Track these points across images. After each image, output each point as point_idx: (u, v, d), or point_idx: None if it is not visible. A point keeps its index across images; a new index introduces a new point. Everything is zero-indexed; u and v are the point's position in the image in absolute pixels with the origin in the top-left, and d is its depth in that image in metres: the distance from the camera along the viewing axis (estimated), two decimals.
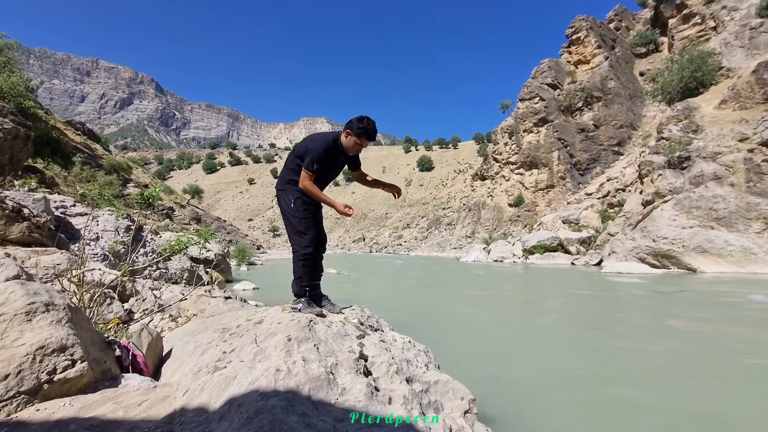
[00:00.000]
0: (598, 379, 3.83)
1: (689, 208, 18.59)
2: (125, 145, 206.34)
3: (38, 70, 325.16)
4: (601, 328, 6.28)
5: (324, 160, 2.47)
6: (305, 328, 1.92)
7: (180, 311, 4.77)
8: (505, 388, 3.61)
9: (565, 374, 4.04)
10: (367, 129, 2.52)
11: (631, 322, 6.69)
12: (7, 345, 1.59)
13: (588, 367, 4.25)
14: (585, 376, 3.93)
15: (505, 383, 3.75)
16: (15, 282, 1.83)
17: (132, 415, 1.55)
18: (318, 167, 2.43)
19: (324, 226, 2.81)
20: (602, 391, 3.49)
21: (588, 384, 3.71)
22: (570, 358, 4.66)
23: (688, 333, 5.77)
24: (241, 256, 21.75)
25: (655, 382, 3.71)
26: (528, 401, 3.28)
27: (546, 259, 24.84)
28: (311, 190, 2.41)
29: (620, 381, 3.74)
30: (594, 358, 4.60)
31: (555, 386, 3.67)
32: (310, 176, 2.42)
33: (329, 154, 2.53)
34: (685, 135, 22.85)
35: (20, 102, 16.29)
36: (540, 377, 3.94)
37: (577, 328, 6.25)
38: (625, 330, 6.06)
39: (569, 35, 50.81)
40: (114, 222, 8.70)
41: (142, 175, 42.97)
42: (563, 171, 44.32)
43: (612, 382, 3.74)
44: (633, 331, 5.97)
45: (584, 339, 5.55)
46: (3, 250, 5.20)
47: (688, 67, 27.48)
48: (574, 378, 3.89)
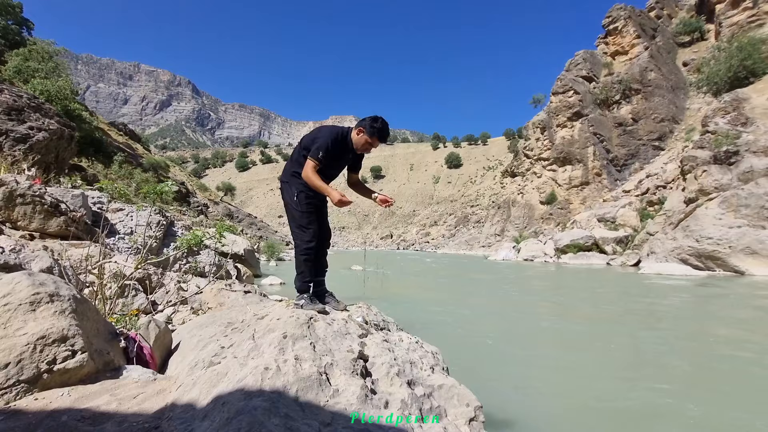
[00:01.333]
0: (627, 390, 3.57)
1: (737, 207, 17.28)
2: (164, 145, 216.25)
3: (85, 74, 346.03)
4: (633, 333, 5.90)
5: (330, 152, 2.40)
6: (303, 326, 1.86)
7: (201, 304, 4.87)
8: (520, 395, 3.43)
9: (591, 384, 3.80)
10: (381, 129, 2.46)
11: (665, 329, 6.26)
12: (10, 334, 1.62)
13: (617, 378, 3.99)
14: (612, 388, 3.68)
15: (521, 390, 3.56)
16: (22, 273, 1.87)
17: (124, 408, 1.54)
18: (323, 156, 2.36)
19: (350, 223, 2.77)
20: (630, 402, 3.25)
21: (615, 395, 3.47)
22: (597, 368, 4.39)
23: (727, 341, 5.32)
24: (271, 251, 22.22)
25: (680, 391, 3.42)
26: (542, 410, 3.09)
27: (579, 259, 23.87)
28: (312, 179, 2.33)
29: (651, 391, 3.47)
30: (624, 368, 4.31)
31: (575, 394, 3.45)
32: (315, 165, 2.35)
33: (337, 147, 2.45)
34: (733, 128, 21.26)
35: (66, 104, 17.31)
36: (560, 384, 3.73)
37: (609, 334, 5.90)
38: (658, 337, 5.66)
39: (606, 25, 48.45)
40: (146, 217, 9.04)
41: (179, 173, 44.86)
42: (599, 167, 42.39)
43: (643, 393, 3.48)
44: (666, 338, 5.57)
45: (616, 346, 5.23)
46: (41, 243, 5.50)
47: (737, 55, 25.55)
48: (598, 388, 3.66)
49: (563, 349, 5.02)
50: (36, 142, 10.54)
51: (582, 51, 48.79)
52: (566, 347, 5.12)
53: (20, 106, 11.10)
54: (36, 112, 11.46)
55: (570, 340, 5.45)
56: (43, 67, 18.95)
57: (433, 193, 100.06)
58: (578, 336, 5.69)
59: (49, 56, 20.54)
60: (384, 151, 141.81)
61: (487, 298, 10.02)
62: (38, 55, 19.86)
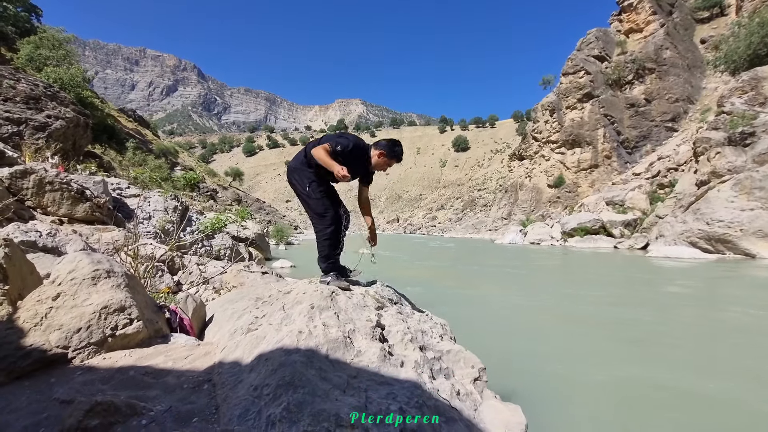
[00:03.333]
0: (625, 365, 3.81)
1: (751, 189, 17.08)
2: (172, 130, 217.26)
3: (93, 60, 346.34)
4: (636, 314, 6.10)
5: (348, 154, 2.56)
6: (327, 298, 2.11)
7: (222, 284, 5.18)
8: (522, 362, 3.69)
9: (587, 358, 4.04)
10: (401, 154, 2.76)
11: (668, 309, 6.44)
12: (78, 304, 1.89)
13: (615, 355, 4.22)
14: (610, 362, 3.92)
15: (523, 357, 3.82)
16: (82, 252, 2.13)
17: (179, 366, 1.81)
18: (341, 151, 2.51)
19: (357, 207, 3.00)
20: (625, 377, 3.48)
21: (612, 369, 3.70)
22: (596, 343, 4.62)
23: (730, 323, 5.50)
24: (280, 235, 22.66)
25: (672, 369, 3.65)
26: (541, 374, 3.35)
27: (586, 242, 23.92)
28: (320, 154, 2.46)
29: (649, 368, 3.70)
30: (623, 344, 4.54)
31: (574, 364, 3.70)
32: (328, 152, 2.48)
33: (356, 154, 2.62)
34: (750, 108, 20.80)
35: (79, 92, 17.60)
36: (560, 355, 3.98)
37: (610, 313, 6.11)
38: (660, 316, 5.86)
39: (620, 2, 46.95)
40: (163, 203, 9.37)
41: (187, 158, 45.32)
42: (609, 149, 41.81)
43: (638, 368, 3.71)
44: (668, 317, 5.77)
45: (616, 324, 5.45)
46: (70, 227, 5.83)
47: (758, 32, 24.69)
48: (597, 362, 3.89)
49: (567, 325, 5.25)
50: (54, 130, 10.85)
51: (594, 29, 47.49)
52: (569, 324, 5.35)
53: (37, 95, 11.39)
54: (52, 100, 11.75)
55: (574, 318, 5.67)
56: (54, 55, 19.18)
57: (440, 177, 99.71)
58: (582, 314, 5.91)
59: (59, 43, 20.74)
60: (390, 135, 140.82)
61: (492, 279, 10.27)
62: (49, 43, 20.06)
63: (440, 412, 1.56)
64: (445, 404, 1.64)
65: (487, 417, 1.73)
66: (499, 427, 1.66)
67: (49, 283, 1.98)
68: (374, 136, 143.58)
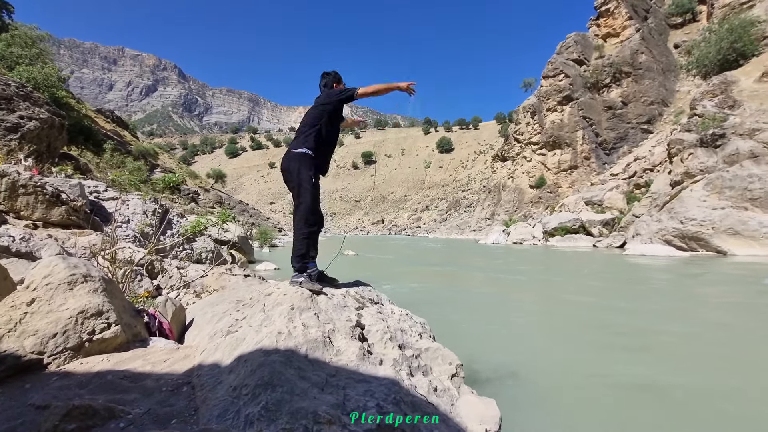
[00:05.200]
0: (599, 363, 3.94)
1: (721, 189, 17.80)
2: (151, 131, 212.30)
3: (68, 59, 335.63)
4: (613, 308, 6.31)
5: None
6: (308, 299, 2.14)
7: (203, 287, 5.13)
8: (497, 358, 3.78)
9: (563, 351, 4.17)
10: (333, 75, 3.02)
11: (640, 302, 6.68)
12: (54, 309, 1.87)
13: (590, 349, 4.36)
14: (585, 358, 4.05)
15: (499, 354, 3.92)
16: (58, 256, 2.11)
17: (158, 369, 1.82)
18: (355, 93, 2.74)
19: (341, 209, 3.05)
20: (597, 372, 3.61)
21: (587, 364, 3.83)
22: (573, 337, 4.76)
23: (694, 316, 5.75)
24: (263, 238, 22.42)
25: (647, 363, 3.80)
26: (516, 369, 3.44)
27: (567, 242, 24.47)
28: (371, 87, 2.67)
29: (624, 362, 3.85)
30: (596, 341, 4.69)
31: (548, 359, 3.81)
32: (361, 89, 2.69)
33: None
34: (720, 111, 21.65)
35: (54, 92, 17.07)
36: (535, 351, 4.09)
37: (585, 307, 6.30)
38: (631, 309, 6.08)
39: (598, 6, 48.25)
40: (142, 206, 9.19)
41: (168, 160, 44.39)
42: (588, 151, 42.89)
43: (613, 361, 3.85)
44: (639, 310, 5.98)
45: (591, 319, 5.62)
46: (45, 232, 5.67)
47: (727, 37, 25.74)
48: (572, 357, 4.02)
49: (542, 322, 5.39)
50: (27, 132, 10.52)
51: (573, 33, 48.65)
52: (544, 319, 5.50)
53: (9, 94, 11.02)
54: (25, 100, 11.39)
55: (549, 315, 5.83)
56: (27, 53, 18.57)
57: (424, 178, 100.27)
58: (558, 311, 6.07)
59: (32, 41, 20.09)
60: (375, 137, 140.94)
61: (475, 278, 10.43)
62: (21, 41, 19.41)
63: (417, 408, 1.61)
64: (422, 400, 1.69)
65: (463, 411, 1.79)
66: (474, 420, 1.72)
67: (23, 288, 1.96)
68: (358, 137, 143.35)
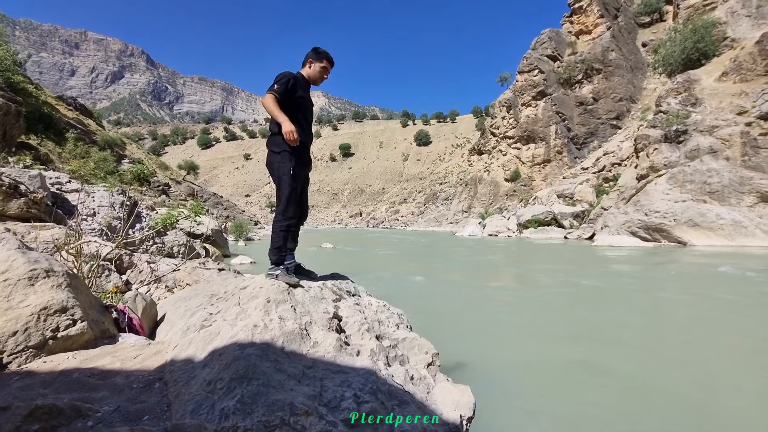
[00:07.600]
0: (563, 343, 4.11)
1: (683, 182, 18.73)
2: (118, 120, 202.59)
3: (25, 42, 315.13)
4: (575, 297, 6.56)
5: (292, 90, 2.51)
6: (284, 292, 2.12)
7: (176, 282, 4.99)
8: (472, 347, 3.89)
9: (533, 340, 4.31)
10: (326, 52, 2.68)
11: (602, 291, 6.98)
12: (14, 306, 1.78)
13: (556, 332, 4.53)
14: (555, 341, 4.21)
15: (473, 343, 4.02)
16: (16, 251, 2.00)
17: (128, 366, 1.76)
18: (281, 90, 2.45)
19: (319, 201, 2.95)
20: (562, 354, 3.76)
21: (554, 347, 3.98)
22: (542, 325, 4.94)
23: (642, 303, 6.07)
24: (239, 231, 21.96)
25: (603, 344, 4.00)
26: (491, 359, 3.55)
27: (540, 233, 25.19)
28: (270, 106, 2.41)
29: (582, 345, 4.02)
30: (561, 324, 4.88)
31: (519, 348, 3.94)
32: (274, 98, 2.42)
33: (296, 84, 2.56)
34: (683, 108, 22.69)
35: (9, 77, 16.01)
36: (507, 339, 4.22)
37: (553, 297, 6.53)
38: (595, 299, 6.35)
39: (571, 3, 49.33)
40: (109, 198, 8.81)
41: (136, 150, 42.64)
42: (560, 145, 44.12)
43: (574, 347, 4.02)
44: (601, 300, 6.26)
45: (558, 307, 5.84)
46: (2, 225, 5.35)
47: (690, 37, 26.89)
48: (544, 342, 4.17)
49: (513, 312, 5.56)
50: None
51: (548, 30, 49.59)
52: (516, 310, 5.67)
53: None
54: None
55: (520, 305, 6.01)
56: None
57: (402, 171, 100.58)
58: (528, 301, 6.27)
59: None
60: (353, 129, 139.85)
61: (451, 268, 10.60)
62: None
63: (394, 397, 1.64)
64: (399, 389, 1.72)
65: (438, 398, 1.83)
66: (449, 406, 1.77)
67: None
68: (336, 129, 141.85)
